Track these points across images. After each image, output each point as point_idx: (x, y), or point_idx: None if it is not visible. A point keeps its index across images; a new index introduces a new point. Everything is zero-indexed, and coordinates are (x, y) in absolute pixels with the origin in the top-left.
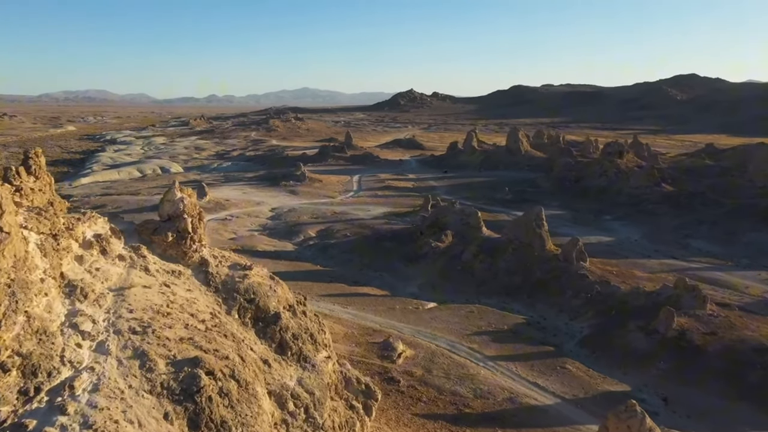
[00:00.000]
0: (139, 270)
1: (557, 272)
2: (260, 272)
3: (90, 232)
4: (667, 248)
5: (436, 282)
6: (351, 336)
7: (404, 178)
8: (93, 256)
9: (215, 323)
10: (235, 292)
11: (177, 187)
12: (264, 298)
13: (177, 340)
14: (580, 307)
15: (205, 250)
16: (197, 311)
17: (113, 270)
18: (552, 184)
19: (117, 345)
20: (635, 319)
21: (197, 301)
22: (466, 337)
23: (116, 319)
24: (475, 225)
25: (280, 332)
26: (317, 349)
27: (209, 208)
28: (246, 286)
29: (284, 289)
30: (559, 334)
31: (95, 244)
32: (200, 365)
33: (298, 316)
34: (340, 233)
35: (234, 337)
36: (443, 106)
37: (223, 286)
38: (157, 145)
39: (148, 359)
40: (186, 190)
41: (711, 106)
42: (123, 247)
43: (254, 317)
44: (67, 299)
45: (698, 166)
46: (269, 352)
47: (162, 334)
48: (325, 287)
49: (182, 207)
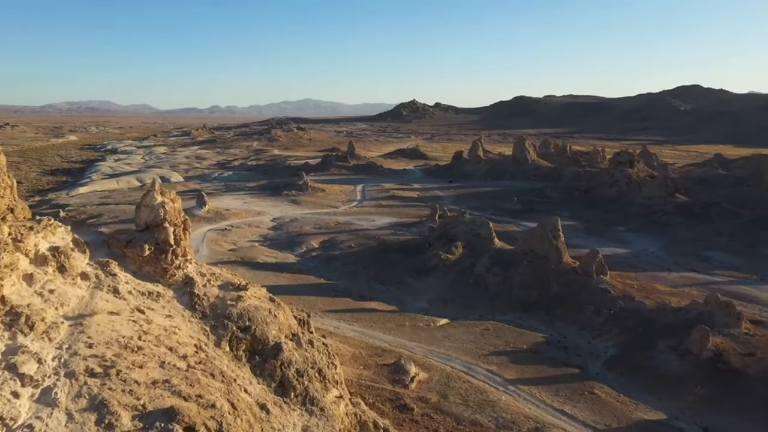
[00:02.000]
0: (107, 292)
1: (576, 286)
2: (257, 293)
3: (45, 245)
4: (687, 261)
5: (447, 296)
6: (359, 357)
7: (409, 187)
8: (47, 275)
9: (200, 359)
10: (226, 318)
11: (157, 189)
12: (262, 325)
13: (149, 383)
14: (603, 324)
15: (191, 267)
16: (178, 344)
17: (72, 292)
18: (561, 193)
19: (68, 393)
20: (665, 338)
21: (179, 330)
22: (483, 358)
23: (70, 357)
24: (486, 236)
25: (282, 368)
26: (326, 387)
27: (209, 217)
28: (240, 310)
29: (286, 313)
30: (582, 354)
31: (51, 260)
32: (177, 418)
33: (303, 347)
34: (344, 244)
35: (224, 377)
36: (445, 117)
37: (211, 310)
38: (158, 154)
39: (109, 411)
40: (168, 194)
41: (715, 117)
42: (88, 263)
43: (250, 349)
44: (7, 331)
45: (711, 175)
46: (268, 393)
47: (129, 377)
48: (329, 302)
49: (162, 214)
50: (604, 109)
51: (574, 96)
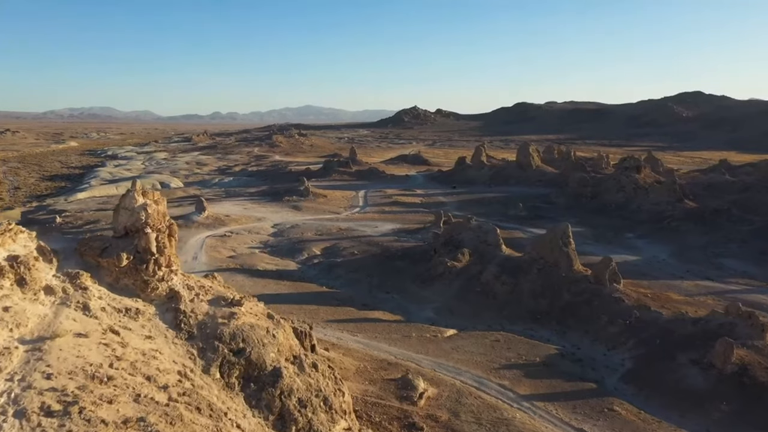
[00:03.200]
0: (75, 309)
1: (588, 295)
2: (254, 309)
3: (2, 253)
4: (699, 268)
5: (454, 305)
6: (363, 371)
7: (412, 193)
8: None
9: (184, 390)
10: (216, 339)
11: (138, 189)
12: (258, 347)
13: (119, 423)
14: (618, 335)
15: (176, 278)
16: (158, 372)
17: (33, 310)
18: (567, 199)
19: None
20: (684, 351)
21: (160, 354)
22: (495, 372)
23: (23, 391)
24: (493, 243)
25: (281, 397)
26: (333, 419)
27: (208, 223)
28: (233, 330)
29: (287, 332)
30: (597, 368)
31: (8, 271)
32: None
33: (306, 372)
34: (346, 251)
35: (212, 411)
36: (447, 123)
37: (199, 330)
38: (158, 160)
39: None
40: (151, 194)
41: (717, 123)
42: (54, 275)
43: (244, 376)
44: None
45: (719, 181)
46: (265, 428)
47: (95, 415)
48: (331, 311)
49: (144, 217)
50: (605, 115)
51: (575, 102)
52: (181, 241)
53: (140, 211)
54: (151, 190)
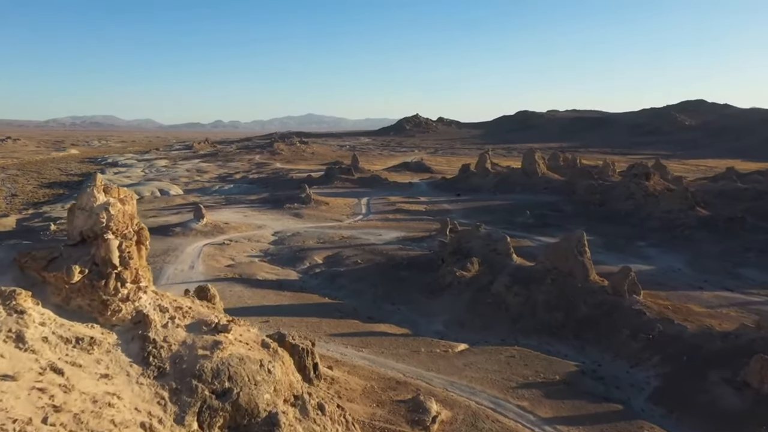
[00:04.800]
0: (4, 340)
1: (607, 307)
2: (244, 335)
3: None
4: (717, 278)
5: (464, 318)
6: (371, 392)
7: (416, 201)
8: None
9: None
10: (195, 377)
11: (98, 184)
12: (249, 387)
13: None
14: (641, 351)
15: (145, 298)
16: (113, 426)
17: None
18: (574, 207)
19: None
20: (715, 368)
21: (117, 400)
22: (512, 392)
23: None
24: (504, 251)
25: None
26: None
27: (206, 231)
28: (217, 364)
29: (286, 364)
30: (622, 387)
31: None
32: None
33: (310, 416)
34: (349, 260)
35: None
36: (449, 131)
37: (173, 365)
38: (158, 167)
39: None
40: (116, 191)
41: (721, 132)
42: None
43: (230, 425)
44: None
45: (730, 189)
46: None
47: None
48: (335, 324)
49: (105, 220)
50: (607, 123)
51: (577, 111)
52: (177, 250)
53: (100, 211)
54: (119, 187)
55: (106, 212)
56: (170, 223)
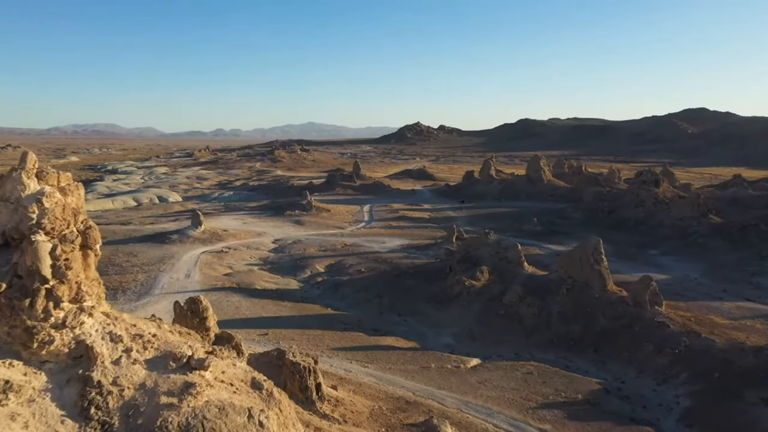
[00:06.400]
0: None
1: (628, 319)
2: (228, 372)
3: None
4: (736, 288)
5: (475, 330)
6: (378, 414)
7: (419, 208)
8: None
9: None
10: None
11: (30, 167)
12: None
13: None
14: (668, 366)
15: (90, 323)
16: None
17: None
18: (582, 214)
19: None
20: (751, 387)
21: None
22: (532, 413)
23: None
24: (515, 260)
25: None
26: None
27: (204, 238)
28: (186, 418)
29: (284, 412)
30: (649, 406)
31: None
32: None
33: None
34: (352, 268)
35: None
36: (450, 139)
37: (125, 420)
38: (158, 174)
39: None
40: (55, 177)
41: (724, 140)
42: None
43: None
44: None
45: (742, 196)
46: None
47: None
48: (338, 337)
49: (35, 215)
50: (609, 131)
51: (579, 119)
52: (174, 258)
53: (30, 203)
54: (59, 172)
55: (38, 205)
56: (167, 230)
